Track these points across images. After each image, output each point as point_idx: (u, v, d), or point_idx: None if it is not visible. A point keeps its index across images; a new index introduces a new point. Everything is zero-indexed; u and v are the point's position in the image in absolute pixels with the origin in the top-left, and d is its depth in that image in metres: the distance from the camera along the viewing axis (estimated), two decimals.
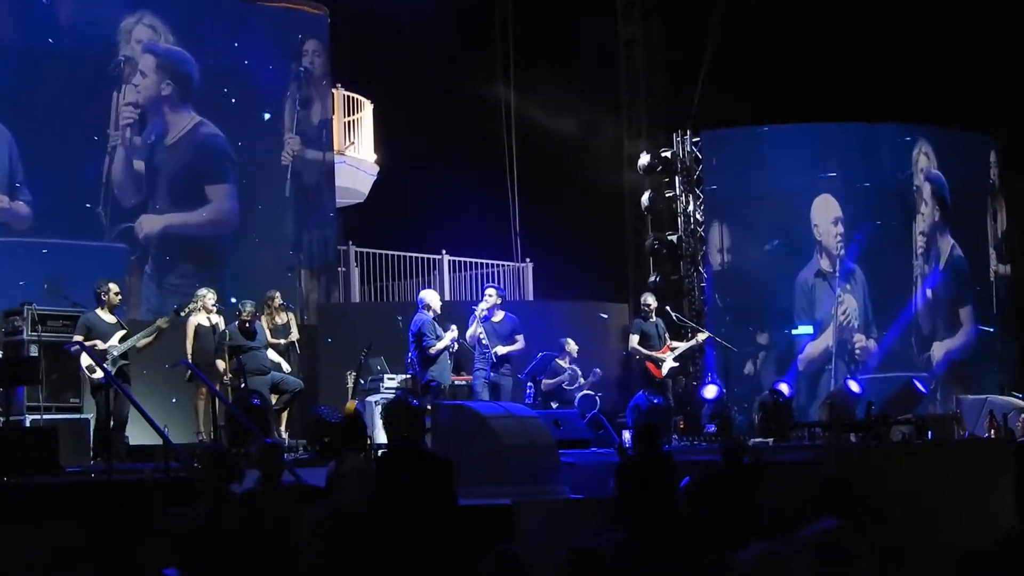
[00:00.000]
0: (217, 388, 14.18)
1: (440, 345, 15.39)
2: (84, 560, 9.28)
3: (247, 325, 15.38)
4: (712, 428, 18.08)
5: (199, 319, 15.21)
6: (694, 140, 21.82)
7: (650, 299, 17.99)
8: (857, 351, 21.17)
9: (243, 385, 14.80)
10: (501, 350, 15.81)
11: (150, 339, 14.29)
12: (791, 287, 21.39)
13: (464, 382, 16.68)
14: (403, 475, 9.25)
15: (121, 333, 14.14)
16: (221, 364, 14.99)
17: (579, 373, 18.02)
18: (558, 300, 23.01)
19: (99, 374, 13.67)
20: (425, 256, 23.14)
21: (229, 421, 13.84)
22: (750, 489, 10.72)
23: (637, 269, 23.14)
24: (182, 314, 14.90)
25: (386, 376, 16.87)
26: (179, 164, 19.54)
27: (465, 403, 12.92)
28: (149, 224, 19.16)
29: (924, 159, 22.43)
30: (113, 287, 14.47)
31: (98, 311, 14.29)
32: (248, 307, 15.47)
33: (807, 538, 5.28)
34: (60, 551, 9.25)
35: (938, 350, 22.11)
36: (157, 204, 19.28)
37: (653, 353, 17.34)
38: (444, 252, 23.33)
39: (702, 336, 18.61)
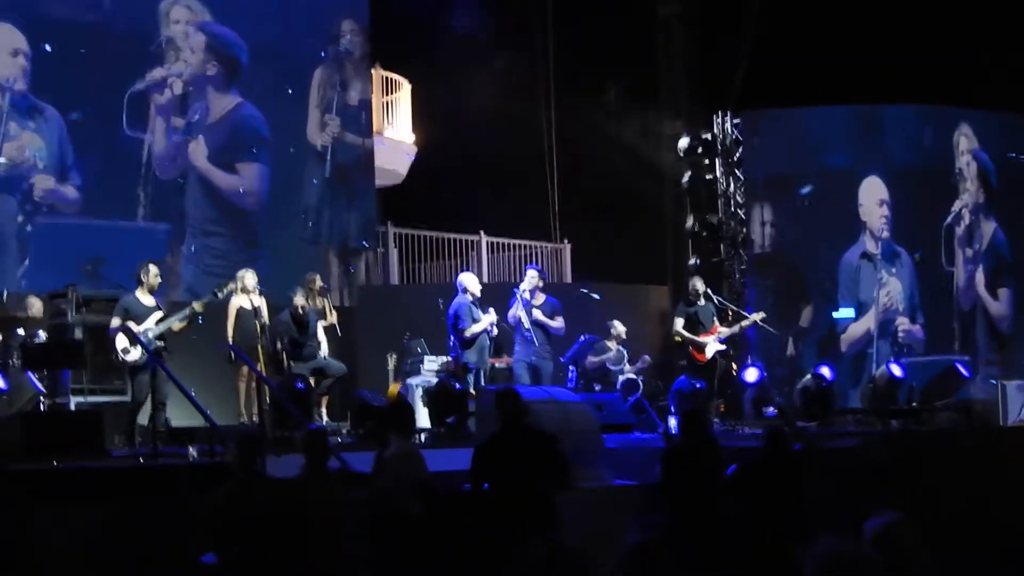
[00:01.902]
0: (260, 370, 14.13)
1: (476, 328, 15.35)
2: (129, 544, 9.28)
3: (300, 313, 15.35)
4: (772, 412, 17.89)
5: (240, 301, 15.12)
6: (734, 121, 21.67)
7: (698, 284, 17.79)
8: (901, 334, 21.03)
9: (287, 368, 14.77)
10: (541, 317, 15.70)
11: (185, 323, 14.20)
12: (833, 269, 21.26)
13: (504, 365, 16.64)
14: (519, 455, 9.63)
15: (158, 315, 14.06)
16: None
17: (625, 354, 17.94)
18: (597, 282, 22.91)
19: (133, 356, 13.65)
20: (463, 237, 23.09)
21: (273, 405, 13.83)
22: (799, 476, 10.61)
23: (676, 251, 22.99)
24: (220, 296, 14.78)
25: (426, 358, 16.84)
26: (218, 142, 19.52)
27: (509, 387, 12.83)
28: (195, 159, 19.17)
29: (964, 140, 22.26)
30: (154, 269, 14.38)
31: (137, 293, 14.21)
32: (299, 296, 15.42)
33: (872, 533, 5.21)
34: (106, 535, 9.26)
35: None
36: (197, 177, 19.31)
37: (696, 337, 17.21)
38: (482, 233, 23.27)
39: (756, 316, 18.33)
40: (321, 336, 15.71)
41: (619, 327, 18.01)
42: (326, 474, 9.54)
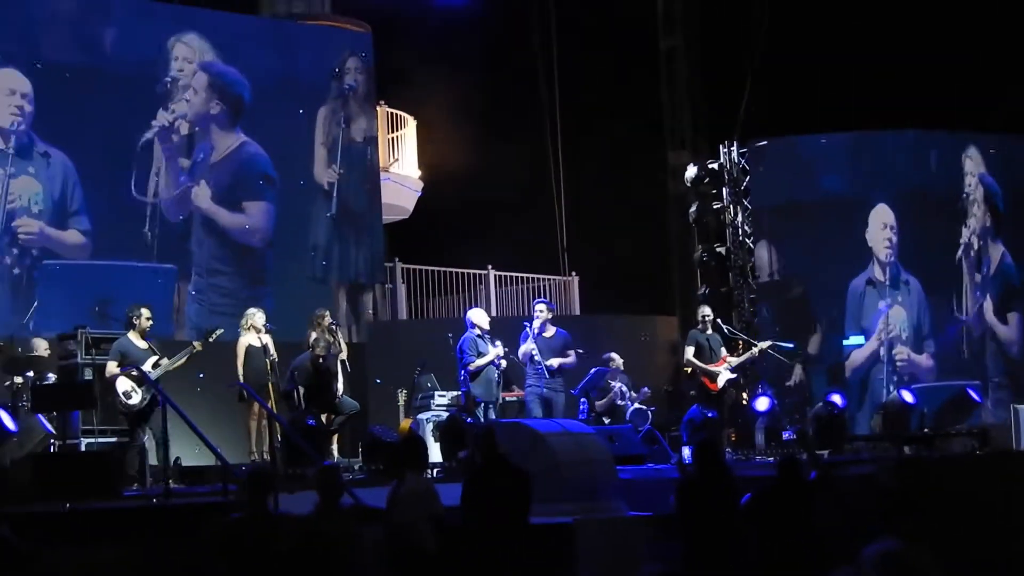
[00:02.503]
0: (271, 408, 14.10)
1: (480, 362, 15.36)
2: None
3: (320, 363, 15.31)
4: (790, 435, 17.81)
5: (249, 339, 15.11)
6: (741, 151, 21.68)
7: (707, 311, 17.73)
8: (900, 363, 20.95)
9: (300, 407, 14.73)
10: (555, 362, 15.70)
11: (183, 361, 14.19)
12: (841, 296, 21.22)
13: (515, 398, 16.61)
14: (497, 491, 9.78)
15: (154, 359, 14.02)
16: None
17: (627, 387, 17.89)
18: (605, 314, 22.91)
19: (134, 400, 13.63)
20: (471, 271, 23.08)
21: (284, 442, 13.80)
22: (811, 505, 10.56)
23: (684, 281, 22.99)
24: (211, 340, 14.60)
25: (436, 393, 16.83)
26: (223, 180, 19.53)
27: (522, 420, 12.85)
28: (206, 210, 19.19)
29: (970, 163, 22.25)
30: (145, 312, 14.32)
31: (130, 335, 14.19)
32: (321, 344, 15.34)
33: (871, 560, 5.18)
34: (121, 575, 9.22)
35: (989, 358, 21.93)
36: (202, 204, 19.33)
37: (708, 367, 17.14)
38: (490, 267, 23.26)
39: (763, 345, 18.26)
40: (339, 375, 15.62)
41: (616, 359, 17.91)
42: (340, 510, 9.51)
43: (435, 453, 15.05)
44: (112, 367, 13.89)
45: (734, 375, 17.56)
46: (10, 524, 8.01)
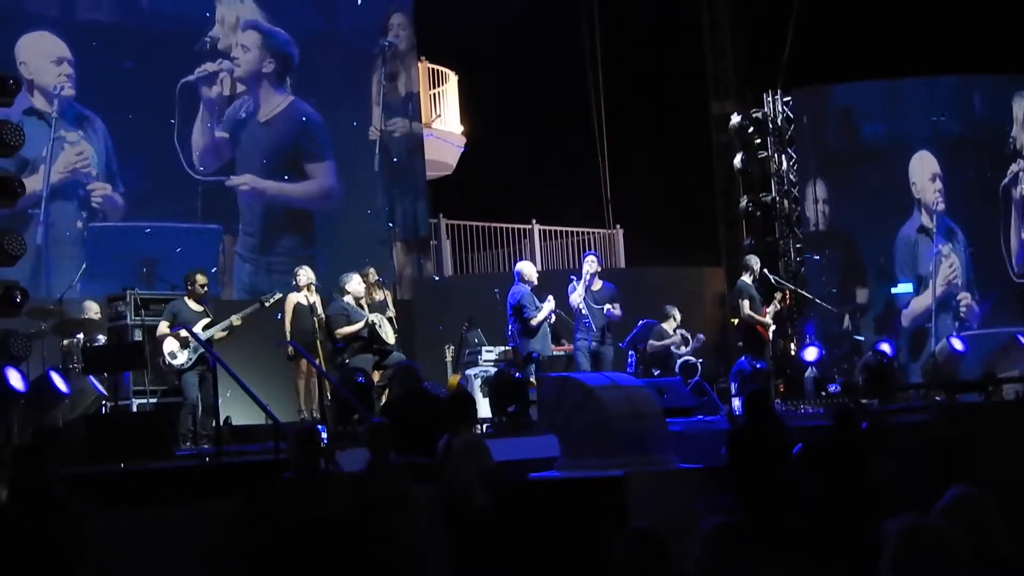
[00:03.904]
0: (320, 366, 14.12)
1: (540, 316, 15.28)
2: (197, 544, 9.28)
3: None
4: (836, 388, 17.75)
5: (297, 298, 15.07)
6: (785, 100, 21.52)
7: (754, 261, 17.67)
8: (963, 309, 20.82)
9: (346, 362, 14.72)
10: (609, 308, 15.64)
11: (225, 333, 14.25)
12: (889, 245, 21.08)
13: (563, 352, 16.58)
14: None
15: (205, 321, 14.12)
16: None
17: (689, 337, 17.83)
18: (651, 266, 22.84)
19: (179, 360, 13.76)
20: (516, 226, 23.04)
21: (334, 399, 13.82)
22: (866, 455, 10.51)
23: (730, 232, 22.86)
24: (267, 305, 14.69)
25: (484, 349, 16.80)
26: (274, 141, 19.57)
27: (570, 375, 12.78)
28: (252, 185, 19.22)
29: (1021, 111, 22.01)
30: (200, 279, 14.41)
31: (186, 299, 14.31)
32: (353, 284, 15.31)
33: (947, 507, 5.15)
34: (175, 535, 9.26)
35: None
36: (251, 174, 19.32)
37: (761, 318, 17.08)
38: (534, 221, 23.22)
39: (778, 295, 18.17)
40: (387, 328, 15.50)
41: (675, 312, 17.89)
42: (391, 467, 9.52)
43: (483, 408, 15.01)
44: (163, 327, 13.99)
45: (774, 325, 17.55)
46: (65, 485, 8.05)
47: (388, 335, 14.97)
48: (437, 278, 21.53)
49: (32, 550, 7.41)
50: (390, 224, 20.70)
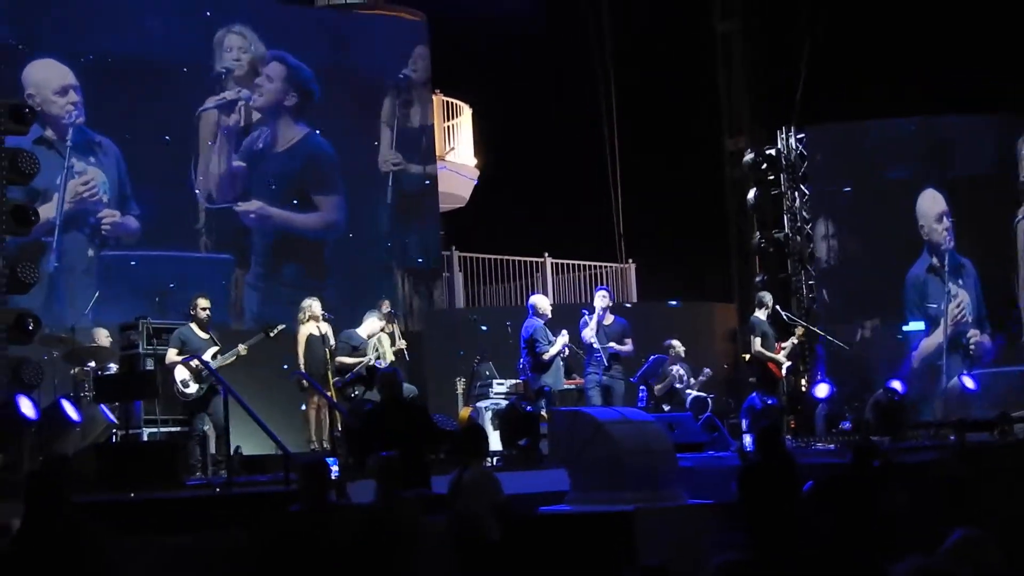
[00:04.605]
0: (331, 397, 14.13)
1: (553, 350, 15.30)
2: (205, 574, 9.27)
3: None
4: (847, 425, 17.72)
5: (309, 329, 15.09)
6: (798, 136, 21.54)
7: (767, 297, 17.68)
8: (972, 346, 20.78)
9: (355, 395, 14.74)
10: (615, 346, 15.65)
11: (230, 361, 14.23)
12: (900, 282, 21.06)
13: (574, 386, 16.58)
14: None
15: (213, 350, 14.13)
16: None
17: (687, 373, 17.84)
18: (663, 301, 22.84)
19: (191, 389, 13.77)
20: (528, 259, 23.05)
21: (344, 431, 13.82)
22: (878, 493, 10.49)
23: (742, 268, 22.86)
24: (271, 335, 14.68)
25: (495, 382, 16.80)
26: (288, 171, 19.66)
27: (581, 409, 12.78)
28: (259, 212, 19.28)
29: None
30: (201, 303, 14.42)
31: (192, 325, 14.31)
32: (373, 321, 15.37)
33: (952, 548, 5.16)
34: (185, 565, 9.25)
35: None
36: (261, 201, 19.39)
37: (774, 355, 17.07)
38: (547, 255, 23.24)
39: (799, 331, 18.18)
40: (388, 354, 15.57)
41: (677, 345, 17.87)
42: (401, 500, 9.50)
43: (494, 441, 15.00)
44: (172, 355, 14.03)
45: (789, 362, 17.52)
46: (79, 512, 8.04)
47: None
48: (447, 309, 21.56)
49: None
50: (401, 256, 20.72)
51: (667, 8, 24.95)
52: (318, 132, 19.93)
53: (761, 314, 17.39)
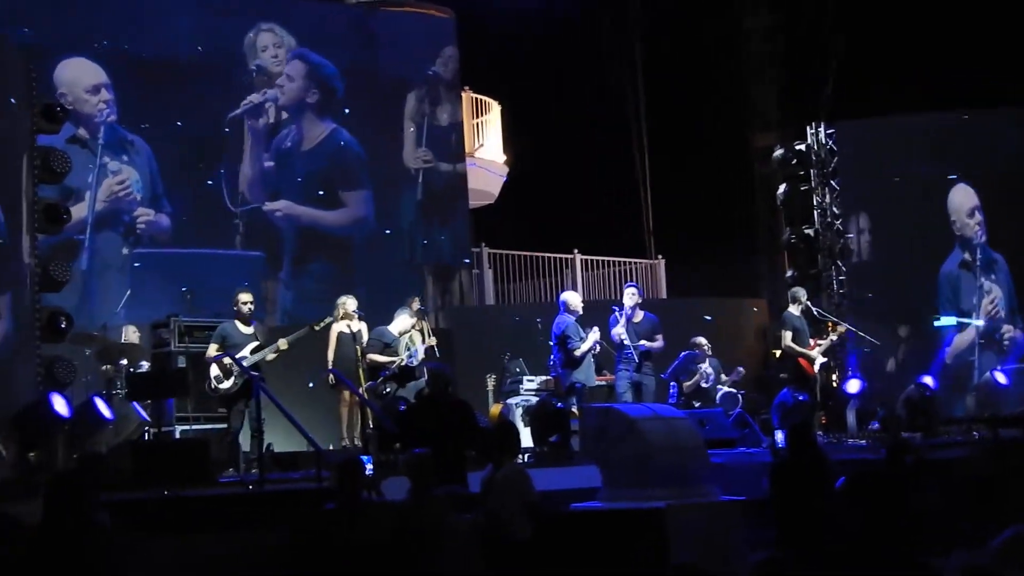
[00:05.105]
0: (363, 394, 14.14)
1: (584, 347, 15.26)
2: (239, 569, 9.30)
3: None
4: (876, 425, 17.65)
5: (340, 327, 15.05)
6: (828, 132, 21.47)
7: (800, 293, 17.60)
8: (1005, 342, 20.68)
9: (387, 392, 14.74)
10: (645, 343, 15.63)
11: (272, 357, 14.09)
12: (932, 278, 20.97)
13: (605, 382, 16.55)
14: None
15: (253, 345, 14.00)
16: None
17: (715, 371, 17.77)
18: (692, 297, 22.80)
19: (225, 385, 13.71)
20: (558, 256, 23.03)
21: (376, 428, 13.83)
22: (909, 489, 10.45)
23: (772, 264, 22.81)
24: (317, 328, 14.60)
25: (525, 378, 16.80)
26: (315, 169, 19.71)
27: (613, 405, 12.76)
28: (286, 211, 19.33)
29: None
30: (242, 297, 14.23)
31: (236, 321, 14.20)
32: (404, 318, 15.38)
33: (1002, 547, 5.13)
34: (217, 562, 9.28)
35: None
36: (289, 200, 19.46)
37: (807, 350, 16.99)
38: (576, 251, 23.22)
39: (841, 329, 18.12)
40: (420, 351, 15.53)
41: (703, 342, 17.79)
42: (433, 498, 9.51)
43: (525, 438, 14.97)
44: (212, 350, 13.92)
45: (825, 359, 17.42)
46: (109, 511, 8.06)
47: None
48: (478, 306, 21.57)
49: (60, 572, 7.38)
50: (431, 253, 20.75)
51: (696, 5, 24.94)
52: (342, 129, 19.96)
53: (795, 309, 17.30)
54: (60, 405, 12.55)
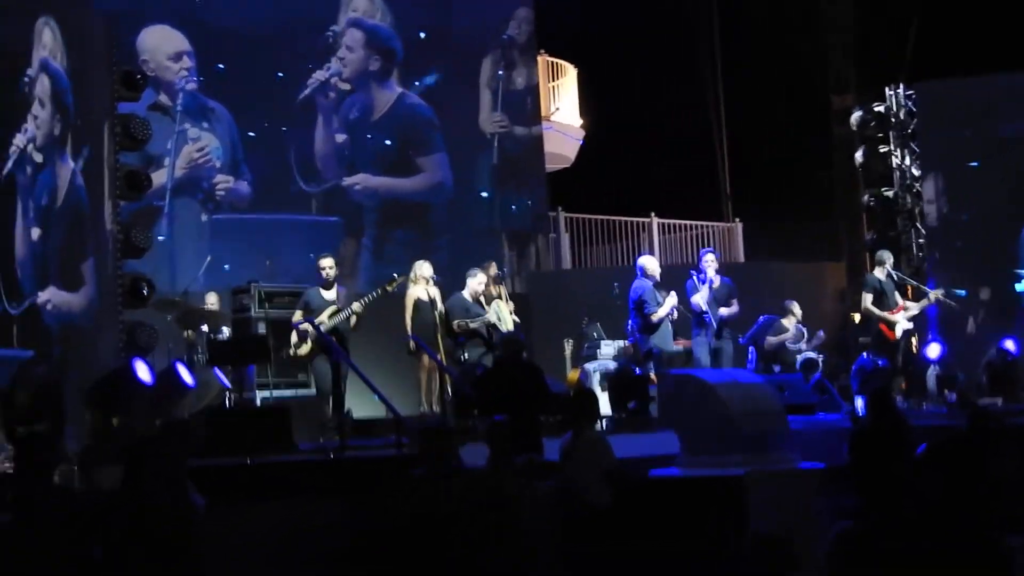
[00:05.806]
0: (441, 360, 14.15)
1: (662, 312, 15.19)
2: (320, 537, 9.36)
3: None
4: (953, 399, 17.46)
5: (417, 292, 14.91)
6: (907, 93, 21.23)
7: (886, 256, 17.42)
8: None
9: (465, 358, 14.74)
10: (723, 311, 15.56)
11: (353, 319, 14.07)
12: (1014, 240, 20.71)
13: (682, 348, 16.50)
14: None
15: (331, 309, 14.02)
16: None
17: (804, 333, 17.66)
18: (770, 260, 22.68)
19: (303, 350, 13.80)
20: (634, 219, 22.97)
21: (455, 394, 13.85)
22: (990, 456, 10.35)
23: (850, 227, 22.62)
24: (390, 289, 14.57)
25: (603, 343, 16.77)
26: (387, 137, 19.74)
27: (691, 371, 12.72)
28: (364, 184, 19.39)
29: None
30: (323, 262, 14.25)
31: (319, 287, 14.27)
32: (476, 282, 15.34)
33: None
34: (298, 529, 9.34)
35: None
36: (366, 172, 19.50)
37: (887, 315, 16.83)
38: (653, 215, 23.15)
39: (934, 295, 17.91)
40: (508, 321, 15.49)
41: (796, 307, 17.73)
42: (512, 465, 9.53)
43: (603, 404, 14.94)
44: (297, 315, 14.04)
45: (910, 324, 17.23)
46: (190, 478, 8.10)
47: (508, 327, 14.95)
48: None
49: (136, 537, 7.41)
50: (507, 217, 20.75)
51: None
52: (410, 93, 19.96)
53: (879, 273, 17.11)
54: (143, 371, 12.63)
